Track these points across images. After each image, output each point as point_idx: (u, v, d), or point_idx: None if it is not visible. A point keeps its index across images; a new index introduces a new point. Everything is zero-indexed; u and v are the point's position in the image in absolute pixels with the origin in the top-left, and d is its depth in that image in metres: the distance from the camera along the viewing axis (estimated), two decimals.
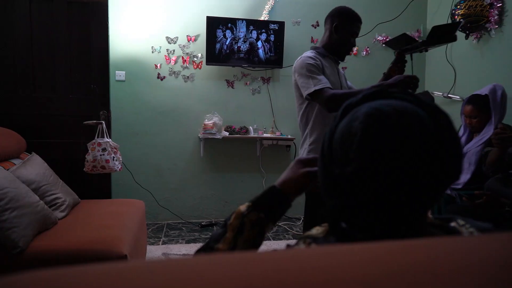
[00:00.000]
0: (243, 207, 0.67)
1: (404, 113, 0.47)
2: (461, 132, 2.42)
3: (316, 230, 0.66)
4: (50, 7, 2.58)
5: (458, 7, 2.72)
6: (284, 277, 0.21)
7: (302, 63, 1.71)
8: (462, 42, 2.94)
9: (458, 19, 2.72)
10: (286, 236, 3.05)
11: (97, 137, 2.52)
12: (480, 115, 2.24)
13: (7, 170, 1.86)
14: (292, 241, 2.28)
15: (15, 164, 2.06)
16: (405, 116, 0.47)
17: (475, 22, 2.69)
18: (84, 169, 2.45)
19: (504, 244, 0.28)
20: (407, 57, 1.78)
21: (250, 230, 0.64)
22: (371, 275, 0.22)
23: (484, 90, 2.26)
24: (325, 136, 0.55)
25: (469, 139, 2.35)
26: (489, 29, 2.71)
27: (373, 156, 0.46)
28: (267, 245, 2.86)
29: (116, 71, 3.10)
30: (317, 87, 1.62)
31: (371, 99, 0.53)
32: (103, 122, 2.59)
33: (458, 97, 3.00)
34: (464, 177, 2.23)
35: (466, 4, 2.67)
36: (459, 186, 2.21)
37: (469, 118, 2.28)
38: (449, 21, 2.93)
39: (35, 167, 2.08)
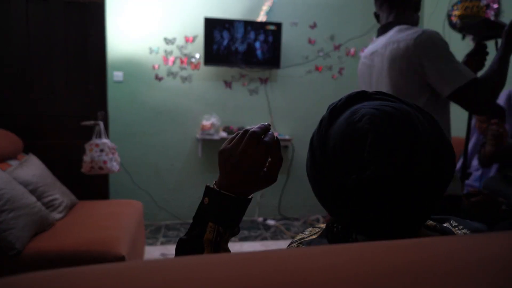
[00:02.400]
0: (210, 235, 0.57)
1: (404, 113, 0.47)
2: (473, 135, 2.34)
3: (309, 232, 0.66)
4: (47, 8, 2.57)
5: (455, 7, 2.74)
6: (283, 276, 0.21)
7: (436, 41, 1.22)
8: (459, 43, 2.95)
9: (454, 20, 2.73)
10: (284, 236, 3.05)
11: (95, 138, 2.52)
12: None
13: (4, 171, 1.86)
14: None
15: (11, 165, 2.06)
16: (407, 115, 0.47)
17: None
18: (82, 170, 2.45)
19: (501, 243, 0.28)
20: (490, 47, 1.40)
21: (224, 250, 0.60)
22: (369, 274, 0.22)
23: (500, 99, 2.15)
24: (314, 143, 0.53)
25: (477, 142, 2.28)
26: None
27: (389, 156, 0.45)
28: (265, 245, 2.86)
29: (114, 72, 3.09)
30: (472, 76, 1.19)
31: (355, 101, 0.53)
32: (101, 122, 2.59)
33: None
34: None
35: (463, 5, 2.68)
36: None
37: (480, 122, 2.18)
38: (446, 22, 2.94)
39: (32, 168, 2.07)
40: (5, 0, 2.50)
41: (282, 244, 2.90)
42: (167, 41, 3.18)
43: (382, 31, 1.44)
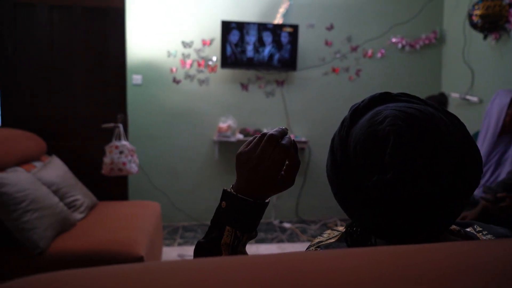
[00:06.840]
0: (227, 239, 0.56)
1: (429, 115, 0.46)
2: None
3: (327, 235, 0.65)
4: (70, 15, 2.64)
5: (476, 7, 2.67)
6: (300, 279, 0.21)
7: None
8: (480, 43, 2.87)
9: (475, 20, 2.66)
10: (301, 239, 3.03)
11: (115, 140, 2.57)
12: None
13: (29, 172, 1.91)
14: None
15: (36, 167, 2.12)
16: (431, 118, 0.46)
17: (493, 23, 2.63)
18: (102, 171, 2.50)
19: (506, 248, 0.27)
20: None
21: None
22: (390, 278, 0.22)
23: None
24: (335, 144, 0.52)
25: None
26: (508, 29, 2.65)
27: (411, 159, 0.43)
28: (281, 248, 2.85)
29: (133, 75, 3.15)
30: None
31: (378, 103, 0.52)
32: (121, 125, 2.64)
33: (475, 98, 2.93)
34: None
35: (484, 4, 2.61)
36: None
37: None
38: (467, 22, 2.87)
39: (55, 169, 2.13)
40: (31, 8, 2.58)
41: (299, 246, 2.89)
42: (185, 44, 3.22)
43: None
